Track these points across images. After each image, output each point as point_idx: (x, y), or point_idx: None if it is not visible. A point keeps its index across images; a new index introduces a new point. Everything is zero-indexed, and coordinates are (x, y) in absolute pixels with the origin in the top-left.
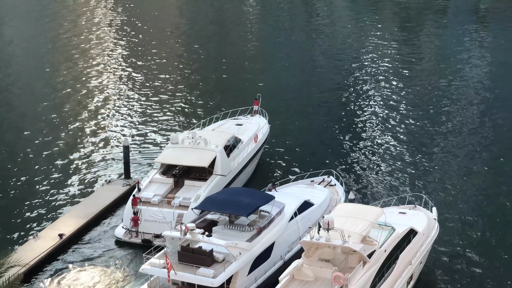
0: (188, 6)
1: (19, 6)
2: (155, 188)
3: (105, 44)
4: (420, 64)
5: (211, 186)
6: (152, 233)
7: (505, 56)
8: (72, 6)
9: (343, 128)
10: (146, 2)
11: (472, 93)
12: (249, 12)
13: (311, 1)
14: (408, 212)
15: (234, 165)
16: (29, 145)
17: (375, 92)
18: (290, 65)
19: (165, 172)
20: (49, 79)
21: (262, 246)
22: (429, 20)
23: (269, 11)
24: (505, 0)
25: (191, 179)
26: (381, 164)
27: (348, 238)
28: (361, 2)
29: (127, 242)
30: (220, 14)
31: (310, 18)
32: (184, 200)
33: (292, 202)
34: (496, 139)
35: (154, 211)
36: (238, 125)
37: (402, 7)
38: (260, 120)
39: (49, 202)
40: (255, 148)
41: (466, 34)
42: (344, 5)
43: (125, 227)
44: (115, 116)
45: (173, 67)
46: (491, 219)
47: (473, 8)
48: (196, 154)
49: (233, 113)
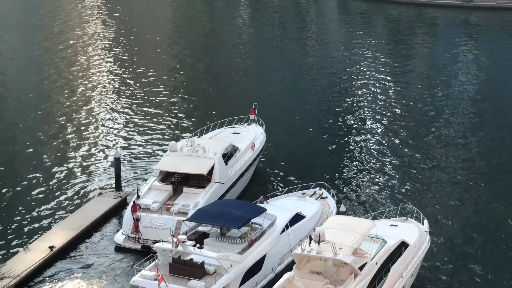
0: (179, 16)
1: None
2: (154, 195)
3: (97, 53)
4: (412, 77)
5: (210, 193)
6: (152, 239)
7: (496, 69)
8: (62, 17)
9: (335, 140)
10: (138, 14)
11: (464, 106)
12: (243, 22)
13: (303, 14)
14: (399, 225)
15: (232, 172)
16: (19, 157)
17: (367, 104)
18: (284, 76)
19: (164, 179)
20: (38, 90)
21: (253, 259)
22: (420, 32)
23: (262, 21)
24: (496, 13)
25: (189, 186)
26: (373, 177)
27: (339, 251)
28: (352, 14)
29: (121, 251)
30: (214, 24)
31: (302, 29)
32: (183, 207)
33: (284, 215)
34: (488, 152)
35: (153, 218)
36: (235, 133)
37: (393, 19)
38: (257, 129)
39: (39, 214)
40: (252, 156)
41: (456, 46)
42: (336, 17)
43: (124, 233)
44: (107, 127)
45: (167, 77)
46: (482, 232)
47: (464, 21)
48: (194, 162)
49: (230, 122)
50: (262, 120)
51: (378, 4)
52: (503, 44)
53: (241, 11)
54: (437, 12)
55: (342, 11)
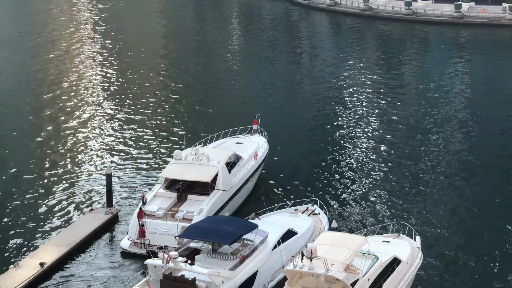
0: (172, 29)
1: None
2: (160, 202)
3: (90, 64)
4: (404, 93)
5: (213, 201)
6: (157, 245)
7: (486, 85)
8: (51, 27)
9: (327, 156)
10: (135, 26)
11: (456, 121)
12: (243, 35)
13: (295, 28)
14: (391, 241)
15: (235, 180)
16: (9, 172)
17: (359, 120)
18: (279, 90)
19: (169, 187)
20: (29, 104)
21: (245, 275)
22: (411, 48)
23: (258, 34)
24: (486, 29)
25: (194, 193)
26: (365, 193)
27: (332, 267)
28: (344, 30)
29: (119, 262)
30: (209, 36)
31: (296, 44)
32: (187, 213)
33: (276, 231)
34: (480, 167)
35: (158, 224)
36: (239, 143)
37: (384, 34)
38: (260, 139)
39: (30, 230)
40: (255, 165)
41: (447, 62)
42: (327, 32)
43: (130, 239)
44: (100, 141)
45: (169, 89)
46: (475, 248)
47: (455, 37)
48: (199, 170)
49: (234, 132)
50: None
51: (369, 20)
52: (493, 60)
53: (236, 24)
54: (428, 28)
55: (333, 26)
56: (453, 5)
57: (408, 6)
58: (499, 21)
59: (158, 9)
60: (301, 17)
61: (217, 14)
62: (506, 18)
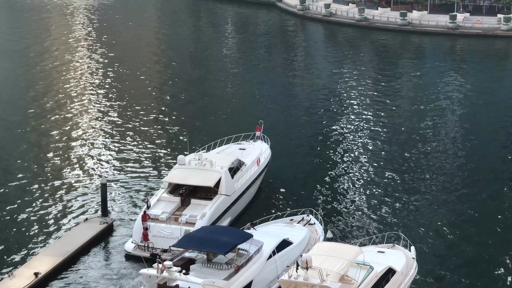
0: (176, 34)
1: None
2: (163, 206)
3: (88, 71)
4: (400, 103)
5: (216, 205)
6: (160, 248)
7: (481, 95)
8: (46, 31)
9: (322, 167)
10: (136, 34)
11: (450, 132)
12: (243, 44)
13: (291, 44)
14: (386, 251)
15: (238, 186)
16: (3, 182)
17: (354, 130)
18: (278, 99)
19: (173, 191)
20: (24, 110)
21: (239, 285)
22: (406, 58)
23: (259, 44)
24: (481, 40)
25: (197, 198)
26: (360, 203)
27: (326, 277)
28: (340, 40)
29: (114, 272)
30: (209, 44)
31: (291, 54)
32: (190, 217)
33: (271, 241)
34: (475, 178)
35: (162, 227)
36: (241, 149)
37: (379, 45)
38: (262, 145)
39: (24, 240)
40: (258, 171)
41: (442, 72)
42: (323, 43)
43: (134, 242)
44: (99, 150)
45: (171, 97)
46: (470, 258)
47: (450, 47)
48: (202, 175)
49: (237, 138)
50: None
51: (364, 31)
52: (488, 70)
53: (233, 33)
54: (423, 39)
55: (329, 37)
56: (448, 15)
57: (403, 17)
58: (494, 32)
59: (155, 19)
60: (297, 27)
61: (213, 24)
62: (501, 29)
